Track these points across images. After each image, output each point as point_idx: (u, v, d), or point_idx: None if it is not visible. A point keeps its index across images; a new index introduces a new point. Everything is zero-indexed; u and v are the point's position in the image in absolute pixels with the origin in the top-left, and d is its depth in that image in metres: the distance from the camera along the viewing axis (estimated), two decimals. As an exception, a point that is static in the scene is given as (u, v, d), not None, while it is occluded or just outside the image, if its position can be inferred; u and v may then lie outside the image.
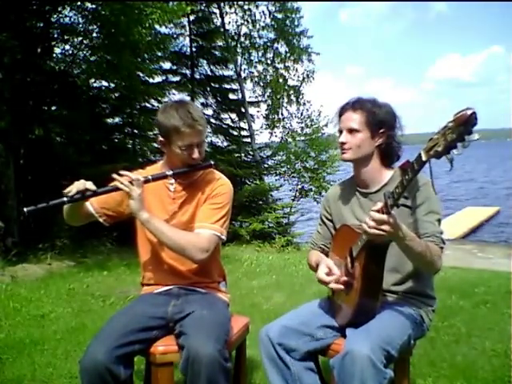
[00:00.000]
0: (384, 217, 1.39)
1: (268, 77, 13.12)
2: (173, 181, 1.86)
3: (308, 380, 1.68)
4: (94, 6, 6.48)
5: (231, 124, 11.61)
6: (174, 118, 1.72)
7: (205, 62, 11.04)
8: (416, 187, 1.64)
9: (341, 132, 1.76)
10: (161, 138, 1.81)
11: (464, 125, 1.12)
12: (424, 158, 1.24)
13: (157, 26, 6.81)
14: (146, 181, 1.75)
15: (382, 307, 1.65)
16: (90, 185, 1.69)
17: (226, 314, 1.79)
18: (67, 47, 7.19)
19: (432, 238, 1.61)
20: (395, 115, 1.76)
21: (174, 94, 9.88)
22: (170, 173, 1.80)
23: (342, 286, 1.66)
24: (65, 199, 1.67)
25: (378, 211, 1.41)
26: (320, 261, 1.77)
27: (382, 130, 1.73)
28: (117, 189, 1.72)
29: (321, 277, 1.70)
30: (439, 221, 1.66)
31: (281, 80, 13.08)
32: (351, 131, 1.72)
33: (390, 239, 1.49)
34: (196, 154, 1.78)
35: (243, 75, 12.59)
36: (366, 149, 1.73)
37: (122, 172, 1.74)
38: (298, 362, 1.68)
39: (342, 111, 1.77)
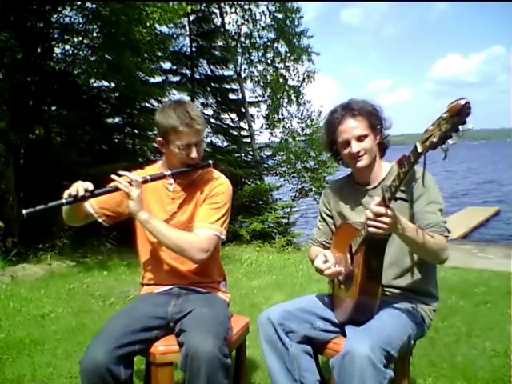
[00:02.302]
0: (382, 209, 1.39)
1: (268, 77, 13.11)
2: (172, 181, 1.86)
3: (305, 363, 1.70)
4: (94, 6, 6.48)
5: (231, 124, 11.60)
6: (171, 118, 1.72)
7: (205, 62, 11.03)
8: (414, 180, 1.64)
9: (347, 143, 1.72)
10: (159, 138, 1.81)
11: (458, 115, 1.12)
12: (420, 150, 1.24)
13: (157, 26, 6.80)
14: (145, 181, 1.75)
15: (383, 306, 1.65)
16: (88, 185, 1.69)
17: (225, 313, 1.79)
18: (67, 47, 7.19)
19: (436, 227, 1.59)
20: (380, 108, 1.77)
21: (173, 94, 9.86)
22: (169, 173, 1.80)
23: (337, 269, 1.68)
24: (63, 201, 1.67)
25: (376, 205, 1.41)
26: (319, 253, 1.79)
27: (378, 127, 1.75)
28: (115, 189, 1.72)
29: (317, 265, 1.72)
30: (441, 210, 1.65)
31: (281, 80, 13.07)
32: (360, 138, 1.70)
33: (390, 232, 1.49)
34: (194, 154, 1.77)
35: (243, 75, 12.60)
36: (375, 149, 1.75)
37: (121, 172, 1.74)
38: (296, 344, 1.70)
39: (338, 122, 1.73)
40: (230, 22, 12.39)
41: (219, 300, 1.87)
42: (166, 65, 10.43)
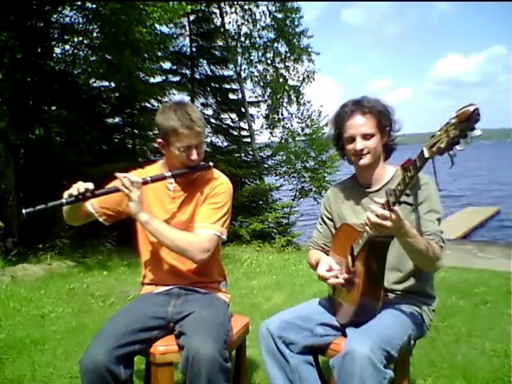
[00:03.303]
0: (386, 212, 1.38)
1: (268, 77, 13.12)
2: (172, 180, 1.85)
3: (306, 373, 1.69)
4: (94, 6, 6.48)
5: (231, 124, 11.61)
6: (172, 120, 1.72)
7: (205, 62, 11.04)
8: (417, 185, 1.64)
9: (353, 139, 1.71)
10: (160, 140, 1.81)
11: (467, 121, 1.11)
12: (427, 155, 1.22)
13: (157, 26, 6.81)
14: (145, 182, 1.75)
15: (383, 307, 1.65)
16: (89, 186, 1.69)
17: (225, 314, 1.79)
18: (67, 47, 7.20)
19: (432, 236, 1.60)
20: (391, 110, 1.75)
21: (174, 93, 9.88)
22: (169, 174, 1.80)
23: (342, 280, 1.66)
24: (63, 201, 1.67)
25: (379, 207, 1.40)
26: (320, 259, 1.78)
27: (387, 129, 1.73)
28: (115, 190, 1.72)
29: (321, 273, 1.71)
30: (439, 220, 1.66)
31: (281, 80, 13.08)
32: (365, 136, 1.69)
33: (392, 235, 1.48)
34: (194, 156, 1.77)
35: (243, 75, 12.61)
36: (379, 150, 1.73)
37: (119, 174, 1.73)
38: (296, 355, 1.69)
39: (347, 117, 1.72)
40: (229, 22, 12.42)
41: (219, 301, 1.86)
42: (166, 65, 10.46)
